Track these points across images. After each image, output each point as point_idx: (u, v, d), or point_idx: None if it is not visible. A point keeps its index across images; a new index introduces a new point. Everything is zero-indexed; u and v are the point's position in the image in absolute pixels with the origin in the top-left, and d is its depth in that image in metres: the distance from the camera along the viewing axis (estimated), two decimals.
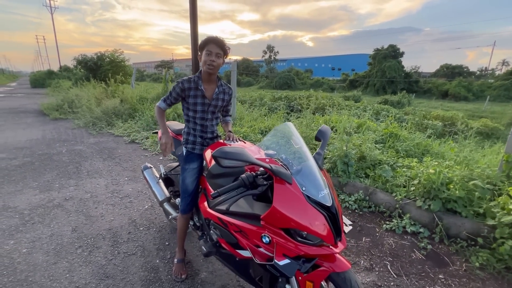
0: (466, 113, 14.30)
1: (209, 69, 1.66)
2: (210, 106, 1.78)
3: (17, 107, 10.05)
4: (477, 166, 2.79)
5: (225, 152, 1.09)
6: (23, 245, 2.25)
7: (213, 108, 1.80)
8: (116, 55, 12.39)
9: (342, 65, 61.59)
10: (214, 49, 1.63)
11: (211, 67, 1.65)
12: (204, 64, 1.66)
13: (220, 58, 1.66)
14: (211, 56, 1.63)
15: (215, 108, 1.82)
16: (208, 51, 1.63)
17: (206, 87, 1.75)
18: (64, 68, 25.72)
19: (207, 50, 1.63)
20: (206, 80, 1.75)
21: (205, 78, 1.74)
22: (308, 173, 1.20)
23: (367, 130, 4.52)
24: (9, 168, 3.90)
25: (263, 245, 1.21)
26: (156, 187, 2.26)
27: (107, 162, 4.26)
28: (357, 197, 2.96)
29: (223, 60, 1.71)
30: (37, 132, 6.14)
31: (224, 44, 1.64)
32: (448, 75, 36.79)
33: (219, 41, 1.63)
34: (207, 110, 1.78)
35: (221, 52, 1.65)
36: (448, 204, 2.46)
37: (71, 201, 3.01)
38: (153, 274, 1.96)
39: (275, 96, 11.07)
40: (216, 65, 1.66)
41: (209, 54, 1.63)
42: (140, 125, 6.32)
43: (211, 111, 1.81)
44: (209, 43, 1.63)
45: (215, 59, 1.64)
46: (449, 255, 2.21)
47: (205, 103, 1.76)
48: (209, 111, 1.79)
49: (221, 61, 1.68)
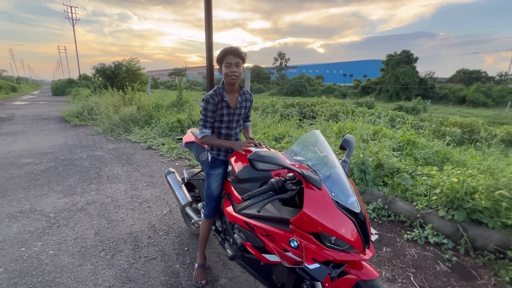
0: (486, 119, 13.77)
1: (232, 80, 1.69)
2: (235, 115, 1.82)
3: (40, 114, 10.56)
4: (503, 175, 2.68)
5: (261, 155, 1.13)
6: (50, 247, 2.34)
7: (237, 116, 1.84)
8: (133, 63, 12.85)
9: (354, 71, 61.07)
10: (233, 60, 1.66)
11: (233, 78, 1.69)
12: (226, 76, 1.69)
13: (240, 66, 1.69)
14: (231, 68, 1.66)
15: (239, 117, 1.86)
16: (227, 63, 1.66)
17: (230, 97, 1.78)
18: (83, 77, 26.89)
19: (226, 62, 1.66)
20: (229, 90, 1.78)
21: (228, 89, 1.77)
22: (337, 179, 1.22)
23: (383, 137, 4.45)
24: (35, 173, 4.09)
25: (291, 249, 1.22)
26: (179, 192, 2.31)
27: (125, 168, 4.39)
28: (375, 205, 2.91)
29: (242, 68, 1.74)
30: (59, 138, 6.42)
31: (240, 52, 1.68)
32: (465, 80, 35.73)
33: (235, 51, 1.66)
34: (232, 119, 1.82)
35: (240, 61, 1.68)
36: (473, 214, 2.37)
37: (93, 205, 3.12)
38: (173, 279, 1.99)
39: (287, 103, 11.10)
40: (238, 75, 1.70)
41: (229, 66, 1.66)
42: (156, 131, 6.49)
43: (236, 120, 1.85)
44: (226, 55, 1.66)
45: (236, 69, 1.67)
46: (476, 268, 2.12)
47: (230, 113, 1.79)
48: (234, 120, 1.83)
49: (241, 69, 1.72)
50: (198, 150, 2.12)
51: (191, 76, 65.40)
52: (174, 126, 6.40)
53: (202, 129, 1.78)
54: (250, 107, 1.96)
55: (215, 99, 1.72)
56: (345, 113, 8.09)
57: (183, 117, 6.59)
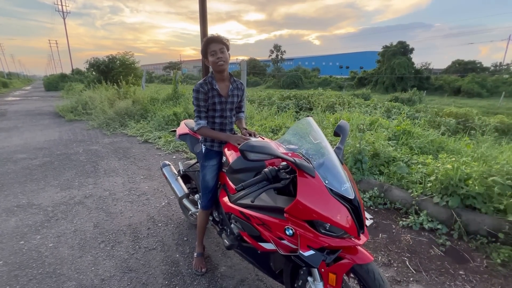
0: (481, 109, 13.90)
1: (221, 66, 1.68)
2: (227, 103, 1.81)
3: (33, 110, 10.40)
4: (496, 163, 2.73)
5: (252, 145, 1.12)
6: (49, 239, 2.35)
7: (230, 105, 1.83)
8: (127, 57, 12.64)
9: (350, 63, 60.86)
10: (216, 47, 1.65)
11: (221, 64, 1.67)
12: (213, 64, 1.68)
13: (225, 52, 1.68)
14: (216, 54, 1.65)
15: (232, 105, 1.85)
16: (212, 51, 1.66)
17: (220, 85, 1.77)
18: (76, 71, 26.38)
19: (211, 51, 1.66)
20: (219, 79, 1.76)
21: (217, 77, 1.75)
22: (331, 167, 1.22)
23: (379, 127, 4.48)
24: (30, 168, 4.06)
25: (286, 237, 1.24)
26: (175, 184, 2.32)
27: (122, 161, 4.37)
28: (372, 194, 2.95)
29: (228, 54, 1.72)
30: (54, 133, 6.35)
31: (222, 38, 1.67)
32: (460, 71, 35.85)
33: (216, 38, 1.66)
34: (225, 108, 1.81)
35: (223, 47, 1.67)
36: (466, 200, 2.42)
37: (91, 198, 3.11)
38: (174, 268, 2.02)
39: (284, 95, 11.07)
40: (225, 60, 1.68)
41: (214, 54, 1.66)
42: (152, 125, 6.45)
43: (229, 108, 1.84)
44: (209, 44, 1.66)
45: (221, 55, 1.66)
46: (469, 252, 2.18)
47: (222, 102, 1.78)
48: (226, 108, 1.82)
49: (227, 55, 1.70)
50: (192, 142, 2.12)
51: (186, 70, 64.61)
52: (170, 119, 6.36)
53: (198, 120, 1.77)
54: (243, 96, 1.95)
55: (204, 87, 1.72)
56: (341, 105, 8.10)
57: (179, 110, 6.54)
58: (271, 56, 47.83)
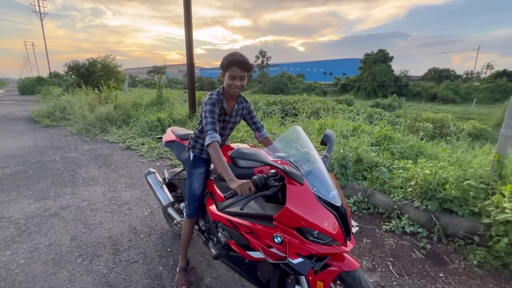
0: (455, 115, 14.68)
1: (235, 93, 1.62)
2: (229, 123, 1.77)
3: (5, 115, 9.82)
4: (470, 167, 2.88)
5: (242, 152, 1.12)
6: (20, 255, 2.19)
7: (232, 124, 1.80)
8: (109, 60, 12.29)
9: (333, 70, 62.56)
10: (238, 73, 1.54)
11: (236, 92, 1.60)
12: (228, 87, 1.60)
13: (245, 79, 1.58)
14: (235, 81, 1.55)
15: (234, 125, 1.82)
16: (231, 75, 1.54)
17: (228, 104, 1.71)
18: (54, 75, 25.33)
19: (231, 74, 1.54)
20: (228, 98, 1.70)
21: (227, 96, 1.69)
22: (318, 174, 1.24)
23: (362, 133, 4.61)
24: (1, 177, 3.80)
25: (275, 245, 1.23)
26: (160, 192, 2.25)
27: (103, 169, 4.20)
28: (356, 199, 3.01)
29: (246, 80, 1.64)
30: (28, 140, 6.01)
31: (248, 65, 1.54)
32: (436, 78, 37.82)
33: (242, 64, 1.52)
34: (226, 126, 1.78)
35: (246, 74, 1.57)
36: (444, 204, 2.52)
37: (68, 209, 2.95)
38: (157, 282, 1.94)
39: (270, 101, 11.16)
40: (241, 88, 1.60)
41: (233, 78, 1.55)
42: (135, 131, 6.27)
43: (230, 128, 1.81)
44: (232, 66, 1.52)
45: (240, 83, 1.56)
46: (448, 254, 2.27)
47: (225, 120, 1.74)
48: (228, 127, 1.79)
49: (245, 82, 1.60)
50: (179, 149, 2.07)
51: (171, 74, 63.77)
52: (154, 125, 6.22)
53: (213, 133, 1.52)
54: (250, 112, 1.85)
55: (219, 102, 1.63)
56: (325, 110, 8.28)
57: (164, 116, 6.41)
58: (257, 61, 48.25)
